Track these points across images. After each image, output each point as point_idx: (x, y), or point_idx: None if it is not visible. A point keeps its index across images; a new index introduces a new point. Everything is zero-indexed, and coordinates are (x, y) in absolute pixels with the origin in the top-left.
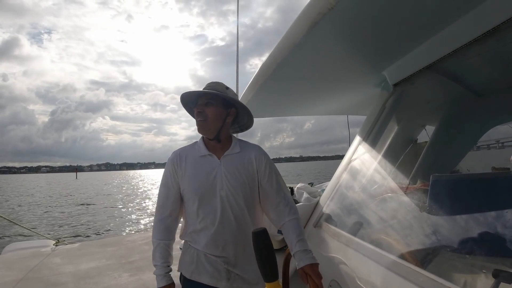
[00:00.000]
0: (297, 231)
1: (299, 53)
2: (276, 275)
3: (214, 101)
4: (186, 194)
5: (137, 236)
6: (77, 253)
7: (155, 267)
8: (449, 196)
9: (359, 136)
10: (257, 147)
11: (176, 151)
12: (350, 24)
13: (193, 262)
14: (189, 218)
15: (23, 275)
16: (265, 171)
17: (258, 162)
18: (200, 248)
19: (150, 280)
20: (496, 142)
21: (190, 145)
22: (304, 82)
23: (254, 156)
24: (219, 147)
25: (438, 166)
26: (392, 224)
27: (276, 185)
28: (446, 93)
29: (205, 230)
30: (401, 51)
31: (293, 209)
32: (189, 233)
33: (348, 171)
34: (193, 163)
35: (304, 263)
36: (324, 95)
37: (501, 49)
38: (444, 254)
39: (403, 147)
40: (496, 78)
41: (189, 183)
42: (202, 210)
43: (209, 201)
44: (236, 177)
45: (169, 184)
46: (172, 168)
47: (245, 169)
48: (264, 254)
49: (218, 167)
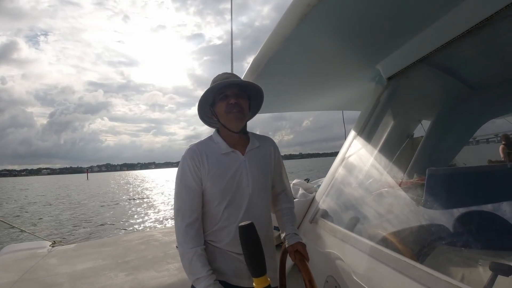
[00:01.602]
0: (293, 218)
1: (290, 47)
2: (264, 270)
3: (242, 92)
4: (210, 194)
5: (133, 236)
6: (73, 254)
7: (197, 280)
8: (445, 190)
9: (354, 131)
10: (270, 139)
11: (192, 147)
12: (341, 16)
13: (216, 261)
14: (210, 218)
15: (19, 277)
16: (279, 163)
17: (275, 155)
18: (222, 247)
19: (145, 279)
20: (495, 136)
21: (204, 140)
22: (297, 78)
23: (273, 149)
24: (241, 141)
25: (434, 160)
26: (388, 219)
27: (284, 176)
28: (440, 86)
29: (228, 227)
30: (395, 44)
31: (291, 199)
32: (209, 233)
33: (343, 166)
34: (216, 161)
35: (295, 240)
36: (318, 90)
37: (494, 40)
38: (440, 248)
39: (399, 141)
40: (491, 70)
41: (214, 183)
42: (228, 210)
43: (235, 200)
44: (260, 173)
45: (192, 184)
46: (193, 166)
47: (266, 164)
48: (251, 248)
49: (243, 164)
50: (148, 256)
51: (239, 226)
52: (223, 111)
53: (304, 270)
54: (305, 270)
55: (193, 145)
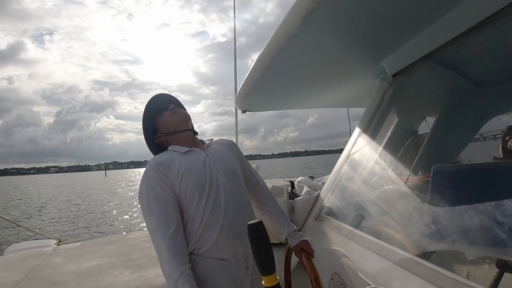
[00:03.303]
0: (284, 215)
1: (295, 44)
2: (273, 268)
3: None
4: (187, 194)
5: (138, 234)
6: (79, 252)
7: None
8: (450, 187)
9: (359, 128)
10: (226, 139)
11: (152, 159)
12: (346, 13)
13: (208, 279)
14: (193, 221)
15: (24, 275)
16: (241, 158)
17: (236, 149)
18: (209, 254)
19: (151, 277)
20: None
21: (161, 153)
22: (302, 75)
23: (233, 144)
24: (196, 143)
25: (439, 157)
26: (393, 216)
27: (252, 171)
28: (445, 83)
29: (215, 224)
30: (400, 41)
31: (272, 196)
32: (194, 241)
33: (348, 163)
34: (181, 161)
35: (299, 239)
36: (323, 87)
37: (500, 37)
38: (446, 245)
39: (403, 138)
40: (496, 67)
41: (186, 180)
42: (209, 204)
43: (212, 192)
44: (226, 161)
45: (162, 194)
46: (159, 176)
47: (229, 155)
48: (261, 246)
49: (206, 158)
50: (153, 254)
51: (248, 225)
52: (168, 116)
53: (310, 268)
54: (311, 268)
55: (152, 159)
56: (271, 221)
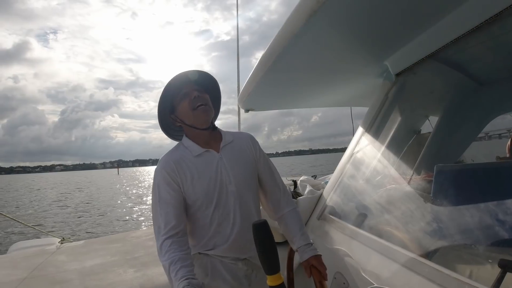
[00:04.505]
0: (299, 224)
1: (299, 43)
2: (278, 267)
3: (199, 87)
4: (194, 200)
5: (141, 232)
6: (82, 250)
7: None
8: (453, 186)
9: (362, 127)
10: (247, 134)
11: (163, 158)
12: (350, 12)
13: (207, 274)
14: (201, 227)
15: (28, 274)
16: (261, 157)
17: (254, 148)
18: (217, 254)
19: (155, 275)
20: (507, 131)
21: (175, 148)
22: (305, 74)
23: (251, 143)
24: (213, 138)
25: (442, 156)
26: (396, 216)
27: (272, 171)
28: (449, 82)
29: (223, 232)
30: (403, 40)
31: (290, 199)
32: (203, 244)
33: (351, 162)
34: (192, 165)
35: (309, 255)
36: (326, 86)
37: (504, 36)
38: (449, 245)
39: (407, 137)
40: (500, 65)
41: (194, 188)
42: (217, 212)
43: (221, 201)
44: (240, 168)
45: (166, 196)
46: (166, 178)
47: (245, 157)
48: (266, 246)
49: (220, 162)
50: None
51: (253, 224)
52: (188, 109)
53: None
54: None
55: (164, 156)
56: (284, 229)
